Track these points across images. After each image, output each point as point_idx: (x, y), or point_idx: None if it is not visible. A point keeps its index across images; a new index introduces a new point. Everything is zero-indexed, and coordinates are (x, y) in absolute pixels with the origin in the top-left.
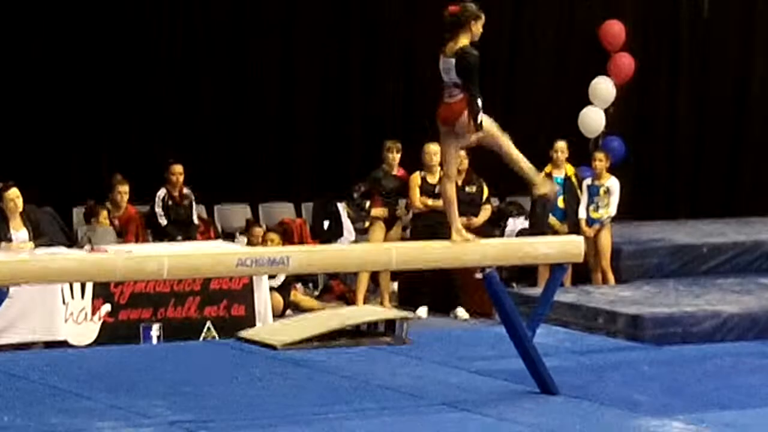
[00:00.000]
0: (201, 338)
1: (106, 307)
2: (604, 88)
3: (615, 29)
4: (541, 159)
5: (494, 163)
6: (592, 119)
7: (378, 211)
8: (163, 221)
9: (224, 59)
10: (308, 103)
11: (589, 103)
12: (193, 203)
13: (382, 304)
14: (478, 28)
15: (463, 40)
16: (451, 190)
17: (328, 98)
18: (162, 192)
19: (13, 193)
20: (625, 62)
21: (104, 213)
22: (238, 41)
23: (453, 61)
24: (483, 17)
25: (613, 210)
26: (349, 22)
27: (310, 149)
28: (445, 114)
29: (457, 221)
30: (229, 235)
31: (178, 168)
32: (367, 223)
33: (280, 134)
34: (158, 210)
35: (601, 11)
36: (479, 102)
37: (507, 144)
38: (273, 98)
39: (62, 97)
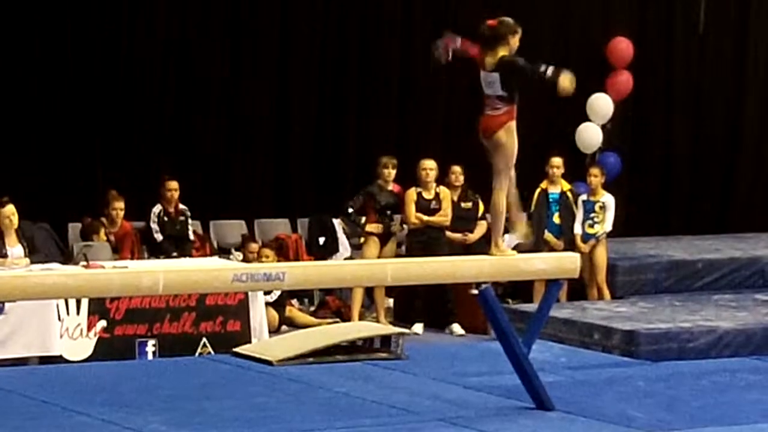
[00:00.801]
0: (196, 354)
1: (102, 323)
2: (601, 104)
3: (622, 46)
4: (537, 175)
5: (489, 179)
6: (590, 135)
7: (372, 227)
8: (159, 237)
9: (220, 75)
10: (304, 119)
11: (587, 119)
12: (189, 219)
13: (377, 320)
14: (515, 41)
15: (502, 54)
16: (502, 203)
17: (324, 114)
18: (157, 208)
19: (9, 210)
20: (624, 79)
21: (101, 229)
22: (233, 57)
23: (496, 75)
24: (520, 31)
25: (608, 226)
26: (345, 39)
27: (306, 165)
28: (487, 126)
29: (499, 235)
30: (224, 251)
31: (174, 184)
32: (361, 239)
33: (275, 150)
34: (154, 226)
35: (598, 27)
36: (542, 68)
37: (512, 178)
38: (269, 114)
39: (57, 113)
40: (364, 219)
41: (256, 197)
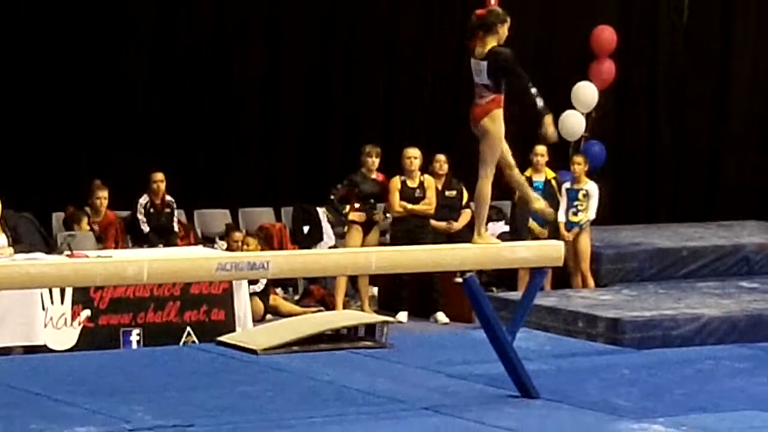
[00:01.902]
0: (181, 343)
1: (86, 313)
2: (585, 92)
3: (606, 34)
4: (522, 163)
5: (474, 168)
6: (573, 123)
7: (355, 215)
8: (146, 228)
9: (206, 64)
10: (289, 109)
11: (571, 107)
12: (175, 211)
13: (362, 308)
14: (504, 30)
15: (491, 43)
16: (487, 191)
17: (309, 103)
18: (144, 199)
19: None
20: (607, 67)
21: (85, 219)
22: (220, 46)
23: (485, 63)
24: (509, 20)
25: (592, 214)
26: (331, 28)
27: (290, 154)
28: (474, 114)
29: (483, 223)
30: (208, 240)
31: (160, 176)
32: (345, 228)
33: (260, 139)
34: (140, 217)
35: (584, 16)
36: (533, 90)
37: (513, 165)
38: (254, 103)
39: (42, 103)
40: (347, 208)
41: (241, 186)
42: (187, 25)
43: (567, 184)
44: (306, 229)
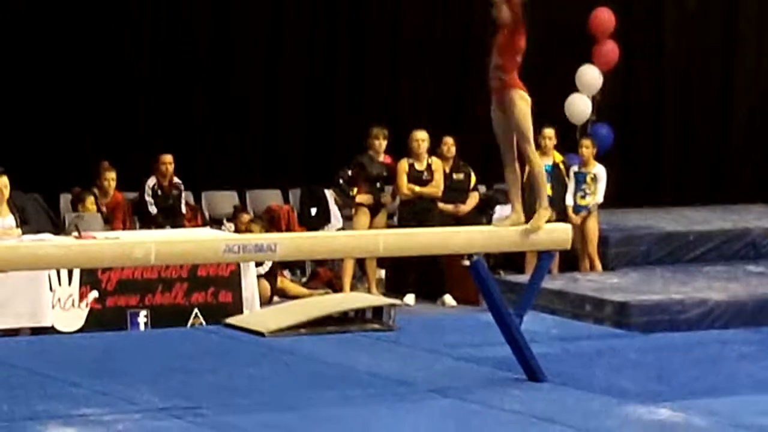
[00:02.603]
0: (188, 325)
1: (94, 294)
2: (590, 75)
3: (604, 16)
4: None
5: (481, 151)
6: (579, 106)
7: (363, 198)
8: (153, 210)
9: (211, 46)
10: (295, 90)
11: (576, 90)
12: (182, 193)
13: (369, 291)
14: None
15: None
16: (540, 163)
17: (316, 85)
18: (152, 181)
19: (2, 182)
20: (610, 49)
21: (91, 199)
22: (223, 30)
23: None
24: None
25: (600, 197)
26: (336, 9)
27: (297, 136)
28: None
29: (545, 198)
30: (216, 222)
31: (168, 158)
32: (352, 210)
33: (267, 121)
34: (148, 198)
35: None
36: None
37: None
38: (260, 85)
39: (49, 84)
40: (354, 190)
41: (248, 168)
42: (192, 7)
43: (575, 168)
44: (314, 211)
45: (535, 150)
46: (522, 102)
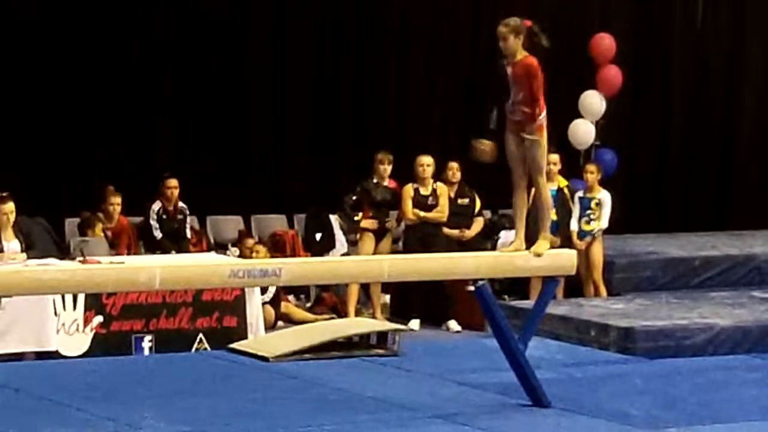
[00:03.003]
0: (193, 349)
1: (98, 319)
2: (593, 101)
3: (605, 42)
4: None
5: (486, 176)
6: (582, 132)
7: (368, 223)
8: (158, 234)
9: (217, 70)
10: (300, 115)
11: (579, 115)
12: (187, 218)
13: (374, 316)
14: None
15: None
16: (549, 194)
17: (321, 110)
18: (157, 205)
19: (9, 207)
20: (613, 74)
21: (99, 224)
22: (230, 51)
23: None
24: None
25: (604, 223)
26: (342, 34)
27: (302, 161)
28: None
29: (547, 227)
30: (221, 247)
31: (174, 182)
32: (357, 235)
33: (272, 146)
34: (153, 223)
35: (592, 23)
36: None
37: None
38: (265, 109)
39: (55, 108)
40: (359, 215)
41: (253, 193)
42: (199, 32)
43: (580, 193)
44: (318, 236)
45: (545, 181)
46: (540, 135)
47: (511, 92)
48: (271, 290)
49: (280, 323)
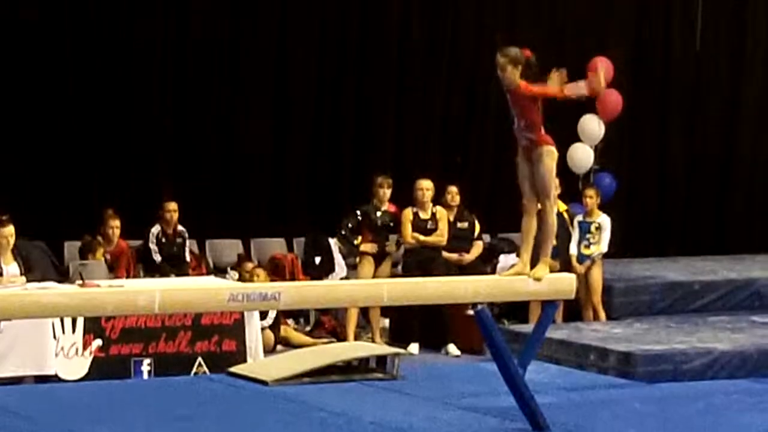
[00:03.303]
0: (192, 373)
1: (97, 342)
2: (592, 125)
3: (603, 66)
4: None
5: (486, 200)
6: (581, 156)
7: (367, 247)
8: (158, 258)
9: (216, 94)
10: (300, 139)
11: (578, 139)
12: (186, 241)
13: (373, 339)
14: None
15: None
16: (554, 220)
17: (320, 134)
18: (156, 229)
19: (8, 231)
20: (613, 99)
21: (100, 248)
22: (229, 76)
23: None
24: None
25: (604, 247)
26: (342, 58)
27: (301, 184)
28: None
29: (548, 253)
30: (220, 270)
31: (173, 205)
32: (357, 259)
33: (272, 169)
34: (152, 246)
35: (589, 47)
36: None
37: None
38: (265, 133)
39: (55, 132)
40: (359, 239)
41: (253, 216)
42: (198, 54)
43: (579, 217)
44: (318, 259)
45: (553, 206)
46: (549, 159)
47: (515, 118)
48: (272, 315)
49: (279, 347)
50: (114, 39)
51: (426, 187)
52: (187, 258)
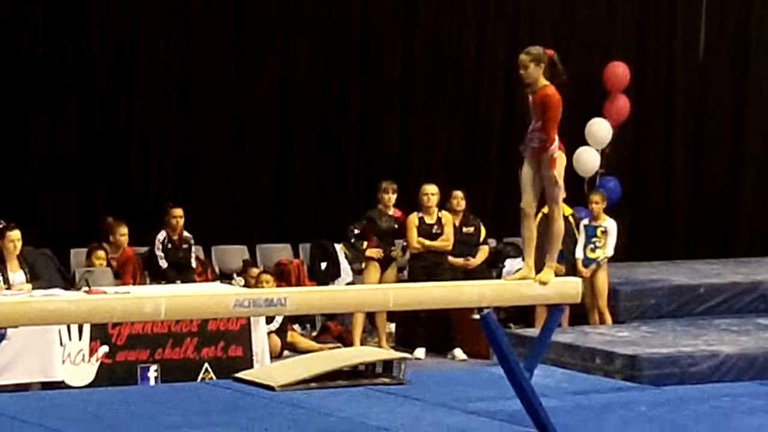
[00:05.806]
0: (198, 379)
1: (104, 349)
2: (599, 129)
3: (619, 71)
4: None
5: (491, 204)
6: (587, 159)
7: (373, 252)
8: (164, 264)
9: (221, 101)
10: (305, 145)
11: (585, 143)
12: (192, 247)
13: (379, 345)
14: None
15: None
16: (562, 225)
17: (326, 139)
18: (162, 235)
19: (15, 235)
20: (622, 104)
21: (102, 252)
22: (234, 83)
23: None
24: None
25: (610, 251)
26: (346, 63)
27: (307, 190)
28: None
29: (554, 258)
30: (226, 276)
31: (179, 211)
32: (362, 264)
33: (277, 176)
34: (158, 252)
35: (594, 53)
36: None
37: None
38: (270, 139)
39: (60, 139)
40: (364, 244)
41: (258, 222)
42: (204, 64)
43: (585, 221)
44: (324, 265)
45: (560, 211)
46: (558, 163)
47: (532, 119)
48: (278, 319)
49: (285, 352)
50: (117, 48)
51: (431, 191)
52: (193, 264)
